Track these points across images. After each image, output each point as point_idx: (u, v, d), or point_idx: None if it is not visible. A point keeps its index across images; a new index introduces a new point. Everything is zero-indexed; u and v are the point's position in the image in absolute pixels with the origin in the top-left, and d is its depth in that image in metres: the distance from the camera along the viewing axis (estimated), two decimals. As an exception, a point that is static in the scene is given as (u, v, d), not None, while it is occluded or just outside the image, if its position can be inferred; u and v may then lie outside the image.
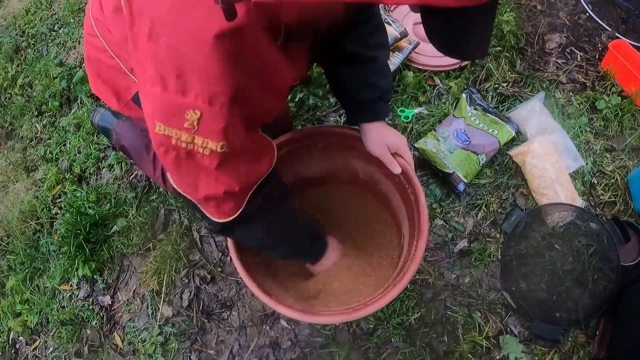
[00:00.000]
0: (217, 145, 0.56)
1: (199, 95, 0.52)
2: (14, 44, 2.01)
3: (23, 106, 1.77)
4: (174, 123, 0.54)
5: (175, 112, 0.54)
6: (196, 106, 0.53)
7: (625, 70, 1.26)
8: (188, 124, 0.54)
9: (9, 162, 1.68)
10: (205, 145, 0.55)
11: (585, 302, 1.05)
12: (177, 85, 0.52)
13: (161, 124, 0.55)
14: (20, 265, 1.45)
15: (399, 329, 1.07)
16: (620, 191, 1.16)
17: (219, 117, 0.54)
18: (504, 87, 1.32)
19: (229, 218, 0.66)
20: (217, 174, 0.60)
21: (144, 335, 1.22)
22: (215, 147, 0.56)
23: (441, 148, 1.19)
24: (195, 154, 0.57)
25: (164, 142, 0.57)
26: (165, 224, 1.33)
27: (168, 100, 0.53)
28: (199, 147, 0.56)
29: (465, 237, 1.16)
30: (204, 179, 0.61)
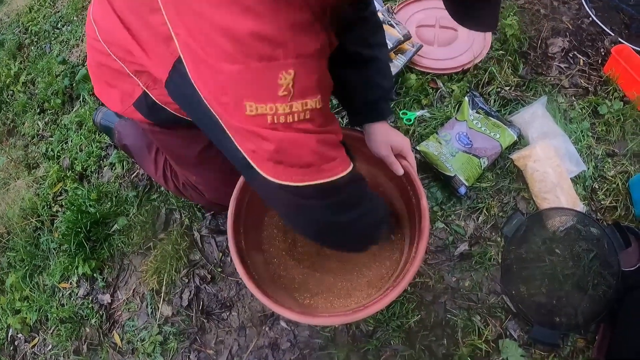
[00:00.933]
0: (316, 101, 0.53)
1: (289, 52, 0.49)
2: (17, 41, 2.01)
3: (25, 103, 1.78)
4: (268, 96, 0.50)
5: (267, 80, 0.50)
6: (287, 65, 0.49)
7: (628, 75, 1.26)
8: (283, 90, 0.50)
9: (10, 159, 1.68)
10: (305, 108, 0.52)
11: (585, 307, 1.05)
12: (261, 51, 0.48)
13: (252, 103, 0.51)
14: (20, 262, 1.45)
15: (398, 331, 1.07)
16: (622, 196, 1.16)
17: (312, 68, 0.51)
18: (507, 90, 1.32)
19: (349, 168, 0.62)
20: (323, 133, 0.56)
21: (143, 334, 1.21)
22: (314, 104, 0.52)
23: (443, 151, 1.19)
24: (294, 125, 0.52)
25: (260, 124, 0.52)
26: (166, 224, 1.33)
27: (255, 71, 0.49)
28: (299, 114, 0.52)
29: (466, 240, 1.16)
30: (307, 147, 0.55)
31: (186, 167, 1.05)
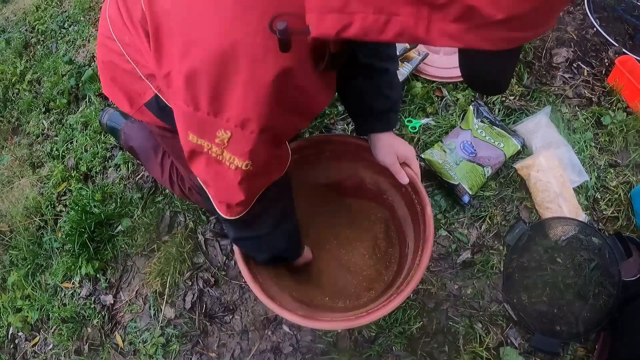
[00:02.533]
0: (243, 164, 0.59)
1: (232, 119, 0.55)
2: (23, 39, 2.02)
3: (31, 102, 1.78)
4: (206, 137, 0.58)
5: (208, 129, 0.57)
6: (227, 127, 0.55)
7: (632, 86, 1.27)
8: (219, 140, 0.57)
9: (15, 158, 1.68)
10: (232, 161, 0.59)
11: (586, 316, 1.05)
12: (210, 108, 0.55)
13: (194, 135, 0.59)
14: (22, 260, 1.46)
15: (400, 337, 1.08)
16: (623, 207, 1.17)
17: (248, 141, 0.57)
18: (511, 100, 1.33)
19: (237, 217, 0.70)
20: (237, 187, 0.63)
21: (145, 335, 1.22)
22: (240, 164, 0.59)
23: (447, 159, 1.20)
24: (223, 164, 0.60)
25: (196, 149, 0.60)
26: (170, 226, 1.34)
27: (200, 119, 0.56)
28: (226, 160, 0.59)
29: (469, 248, 1.16)
30: (224, 186, 0.64)
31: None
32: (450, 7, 0.37)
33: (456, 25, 0.38)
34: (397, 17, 0.39)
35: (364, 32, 0.40)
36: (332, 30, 0.41)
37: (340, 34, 0.41)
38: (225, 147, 0.57)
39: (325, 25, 0.41)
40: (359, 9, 0.40)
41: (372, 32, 0.40)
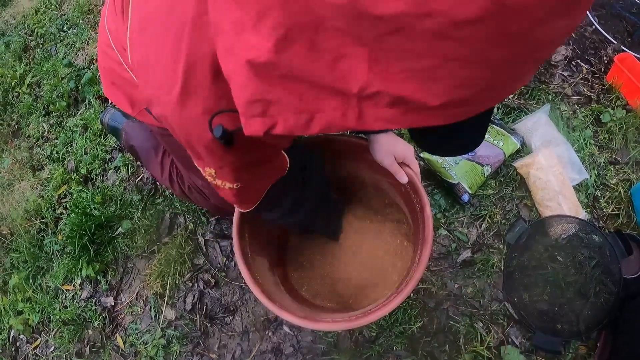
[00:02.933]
0: (233, 185, 0.64)
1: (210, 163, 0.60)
2: (22, 42, 2.02)
3: (30, 105, 1.78)
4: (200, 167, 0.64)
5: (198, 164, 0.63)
6: (210, 166, 0.61)
7: (631, 83, 1.27)
8: (207, 174, 0.63)
9: (15, 161, 1.69)
10: (224, 185, 0.64)
11: (587, 314, 1.05)
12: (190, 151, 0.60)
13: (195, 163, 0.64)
14: (23, 263, 1.46)
15: (401, 337, 1.08)
16: (624, 204, 1.17)
17: (229, 174, 0.62)
18: (510, 98, 1.33)
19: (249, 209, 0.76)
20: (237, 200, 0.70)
21: (146, 337, 1.22)
22: (231, 186, 0.64)
23: (446, 158, 1.20)
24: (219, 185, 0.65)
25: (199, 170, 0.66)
26: (170, 228, 1.34)
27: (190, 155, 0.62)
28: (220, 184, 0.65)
29: (469, 247, 1.16)
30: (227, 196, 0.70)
31: (193, 171, 1.05)
32: (378, 97, 0.34)
33: (391, 110, 0.35)
34: (319, 113, 0.38)
35: (289, 130, 0.40)
36: (259, 131, 0.41)
37: (269, 132, 0.41)
38: (215, 176, 0.62)
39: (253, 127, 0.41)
40: (279, 112, 0.39)
41: (296, 129, 0.40)
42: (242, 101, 0.40)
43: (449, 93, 0.32)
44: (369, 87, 0.33)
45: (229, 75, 0.40)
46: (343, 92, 0.35)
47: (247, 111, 0.40)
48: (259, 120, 0.40)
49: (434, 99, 0.33)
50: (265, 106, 0.39)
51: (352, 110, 0.36)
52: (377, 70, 0.32)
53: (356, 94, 0.35)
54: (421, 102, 0.33)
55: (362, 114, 0.36)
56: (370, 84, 0.33)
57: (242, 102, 0.40)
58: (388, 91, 0.33)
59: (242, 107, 0.40)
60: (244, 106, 0.40)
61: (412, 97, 0.33)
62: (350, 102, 0.36)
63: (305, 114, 0.38)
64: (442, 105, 0.33)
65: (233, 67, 0.39)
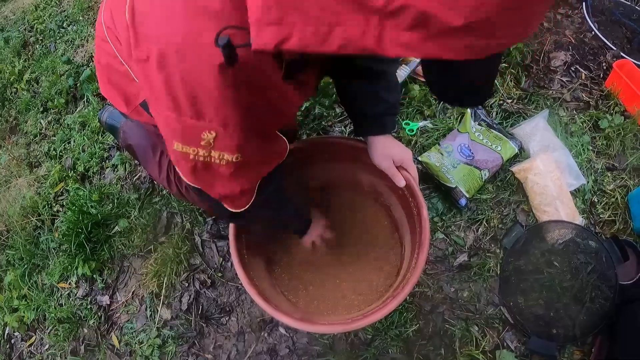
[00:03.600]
0: (232, 157, 0.59)
1: (213, 119, 0.55)
2: (22, 38, 2.02)
3: (28, 101, 1.78)
4: (192, 142, 0.57)
5: (192, 133, 0.57)
6: (211, 128, 0.56)
7: (629, 90, 1.27)
8: (205, 142, 0.57)
9: (12, 157, 1.68)
10: (221, 157, 0.59)
11: (582, 320, 1.06)
12: (192, 111, 0.54)
13: (179, 143, 0.58)
14: (19, 260, 1.45)
15: (396, 340, 1.08)
16: (620, 210, 1.17)
17: (233, 136, 0.57)
18: (509, 103, 1.33)
19: (244, 208, 0.71)
20: (232, 178, 0.63)
21: (141, 336, 1.22)
22: (230, 158, 0.59)
23: (445, 162, 1.20)
24: (212, 164, 0.60)
25: (183, 157, 0.60)
26: (167, 227, 1.34)
27: (184, 124, 0.56)
28: (215, 159, 0.59)
29: (466, 251, 1.16)
30: (220, 182, 0.64)
31: None
32: (402, 14, 0.34)
33: (411, 34, 0.35)
34: (339, 27, 0.37)
35: (304, 44, 0.38)
36: (271, 43, 0.39)
37: (280, 46, 0.39)
38: (212, 147, 0.58)
39: (263, 38, 0.39)
40: (297, 20, 0.38)
41: (312, 44, 0.38)
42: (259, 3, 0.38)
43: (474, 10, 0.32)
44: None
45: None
46: (367, 7, 0.35)
47: (261, 17, 0.38)
48: (273, 28, 0.38)
49: (458, 17, 0.32)
50: (282, 12, 0.37)
51: (372, 29, 0.36)
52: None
53: (380, 9, 0.34)
54: (445, 20, 0.33)
55: (382, 36, 0.36)
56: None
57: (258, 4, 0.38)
58: (414, 4, 0.33)
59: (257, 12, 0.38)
60: (260, 11, 0.38)
61: (437, 13, 0.33)
62: (371, 21, 0.35)
63: (324, 26, 0.37)
64: (465, 27, 0.33)
65: None
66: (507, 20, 0.34)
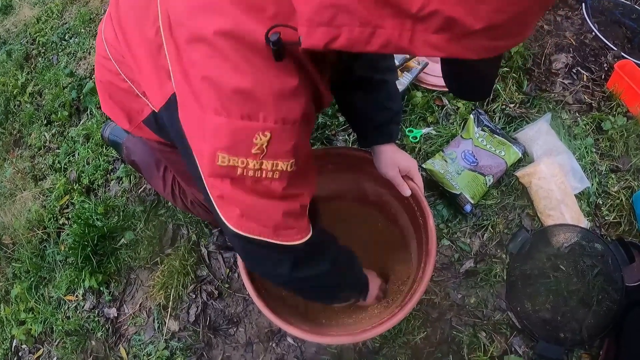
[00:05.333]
0: (287, 165, 0.55)
1: (268, 117, 0.52)
2: (24, 51, 2.02)
3: (32, 114, 1.79)
4: (241, 150, 0.53)
5: (243, 137, 0.52)
6: (265, 128, 0.52)
7: (631, 90, 1.27)
8: (256, 149, 0.53)
9: (17, 170, 1.69)
10: (274, 168, 0.54)
11: (590, 323, 1.05)
12: (244, 110, 0.51)
13: (225, 155, 0.53)
14: (25, 273, 1.46)
15: (404, 348, 1.08)
16: (625, 212, 1.17)
17: (290, 135, 0.54)
18: (511, 108, 1.33)
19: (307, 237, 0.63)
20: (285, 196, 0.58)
21: (149, 348, 1.22)
22: (285, 166, 0.55)
23: (449, 169, 1.20)
24: (263, 181, 0.55)
25: (229, 174, 0.54)
26: (173, 239, 1.34)
27: (234, 127, 0.52)
28: (267, 172, 0.55)
29: (472, 257, 1.16)
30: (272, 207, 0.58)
31: (194, 186, 1.05)
32: (431, 18, 0.39)
33: (438, 36, 0.41)
34: (381, 29, 0.42)
35: (351, 43, 0.43)
36: (320, 42, 0.43)
37: (329, 45, 0.43)
38: (265, 155, 0.53)
39: (314, 37, 0.43)
40: (346, 22, 0.42)
41: (358, 43, 0.43)
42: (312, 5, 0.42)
43: (491, 15, 0.38)
44: (427, 6, 0.39)
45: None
46: (403, 12, 0.40)
47: (314, 17, 0.43)
48: (323, 29, 0.42)
49: (477, 22, 0.39)
50: (334, 12, 0.42)
51: (406, 31, 0.42)
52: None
53: (414, 14, 0.40)
54: (467, 24, 0.39)
55: (413, 38, 0.42)
56: (429, 3, 0.39)
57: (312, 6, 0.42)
58: (442, 10, 0.39)
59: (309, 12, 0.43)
60: (313, 11, 0.42)
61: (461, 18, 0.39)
62: (406, 24, 0.41)
63: (369, 27, 0.42)
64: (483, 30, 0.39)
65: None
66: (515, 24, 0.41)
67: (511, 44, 0.43)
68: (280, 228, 0.60)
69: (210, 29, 0.50)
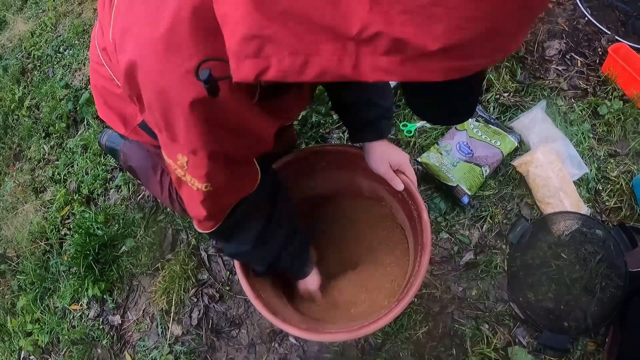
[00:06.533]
0: (202, 186, 0.61)
1: (184, 146, 0.57)
2: (20, 65, 2.05)
3: (30, 128, 1.80)
4: (172, 158, 0.61)
5: (171, 151, 0.60)
6: (183, 152, 0.58)
7: (626, 73, 1.26)
8: (180, 163, 0.60)
9: (17, 184, 1.70)
10: (193, 183, 0.62)
11: (594, 310, 1.04)
12: (167, 133, 0.57)
13: (165, 154, 0.62)
14: (30, 285, 1.47)
15: (407, 343, 1.08)
16: (626, 196, 1.16)
17: (202, 165, 0.59)
18: (505, 97, 1.32)
19: (210, 230, 0.73)
20: (200, 205, 0.66)
21: (154, 354, 1.23)
22: (200, 186, 0.62)
23: (444, 161, 1.20)
24: (187, 184, 0.63)
25: (169, 166, 0.64)
26: (173, 244, 1.35)
27: (164, 141, 0.60)
28: (189, 181, 0.62)
29: (471, 249, 1.16)
30: (192, 203, 0.67)
31: None
32: (377, 40, 0.34)
33: (389, 59, 0.35)
34: (316, 56, 0.37)
35: (282, 75, 0.39)
36: (250, 75, 0.40)
37: (259, 77, 0.40)
38: (186, 170, 0.60)
39: (243, 70, 0.40)
40: (274, 53, 0.38)
41: (290, 74, 0.39)
42: (237, 38, 0.39)
43: (448, 34, 0.32)
44: (369, 27, 0.33)
45: (223, 16, 0.40)
46: (342, 35, 0.35)
47: (240, 50, 0.39)
48: (252, 61, 0.39)
49: (433, 42, 0.33)
50: (261, 44, 0.38)
51: (349, 56, 0.36)
52: (377, 11, 0.32)
53: (355, 37, 0.34)
54: (420, 45, 0.33)
55: (359, 62, 0.36)
56: (370, 24, 0.33)
57: (237, 39, 0.39)
58: (388, 32, 0.33)
59: (236, 45, 0.39)
60: (238, 44, 0.39)
61: (412, 40, 0.33)
62: (348, 48, 0.36)
63: (301, 56, 0.37)
64: (441, 51, 0.33)
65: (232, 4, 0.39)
66: (484, 43, 0.34)
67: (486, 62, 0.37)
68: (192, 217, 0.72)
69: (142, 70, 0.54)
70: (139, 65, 0.53)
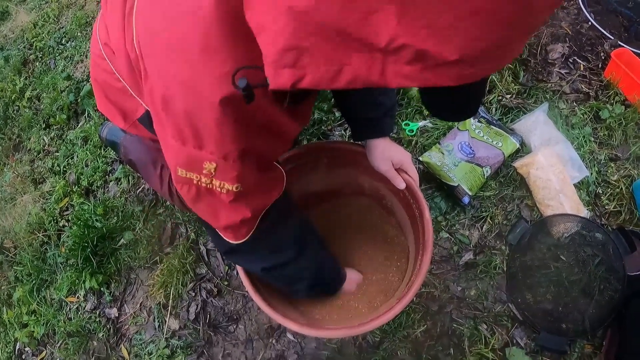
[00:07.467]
0: (233, 187, 0.62)
1: (214, 152, 0.58)
2: (22, 56, 2.04)
3: (31, 119, 1.80)
4: (194, 169, 0.60)
5: (195, 162, 0.60)
6: (211, 159, 0.58)
7: (628, 78, 1.26)
8: (206, 171, 0.60)
9: (16, 174, 1.70)
10: (222, 186, 0.61)
11: (592, 313, 1.05)
12: (194, 142, 0.57)
13: (183, 169, 0.61)
14: (27, 276, 1.47)
15: (405, 342, 1.08)
16: (625, 200, 1.16)
17: (232, 168, 0.60)
18: (508, 98, 1.33)
19: (244, 239, 0.71)
20: (231, 206, 0.65)
21: (150, 347, 1.22)
22: (231, 187, 0.62)
23: (446, 161, 1.20)
24: (214, 191, 0.62)
25: (186, 182, 0.63)
26: (172, 238, 1.34)
27: (187, 153, 0.59)
28: (217, 187, 0.62)
29: (471, 249, 1.16)
30: (223, 211, 0.66)
31: None
32: (402, 51, 0.38)
33: (411, 67, 0.39)
34: (348, 66, 0.40)
35: (316, 82, 0.42)
36: (287, 83, 0.42)
37: (295, 85, 0.42)
38: (214, 176, 0.60)
39: (281, 79, 0.42)
40: (310, 62, 0.41)
41: (323, 82, 0.42)
42: (275, 49, 0.41)
43: (466, 46, 0.36)
44: (396, 40, 0.37)
45: (260, 26, 0.42)
46: (371, 47, 0.38)
47: (278, 60, 0.42)
48: (289, 71, 0.42)
49: (452, 53, 0.37)
50: (298, 55, 0.41)
51: (376, 65, 0.40)
52: (404, 24, 0.36)
53: (383, 49, 0.38)
54: (440, 56, 0.37)
55: (385, 70, 0.40)
56: (397, 37, 0.37)
57: (275, 50, 0.41)
58: (413, 44, 0.37)
59: (274, 55, 0.42)
60: (277, 54, 0.41)
61: (433, 51, 0.37)
62: (375, 58, 0.39)
63: (334, 65, 0.41)
64: (458, 61, 0.37)
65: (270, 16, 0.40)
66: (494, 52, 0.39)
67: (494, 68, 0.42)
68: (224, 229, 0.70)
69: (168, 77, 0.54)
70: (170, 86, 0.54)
